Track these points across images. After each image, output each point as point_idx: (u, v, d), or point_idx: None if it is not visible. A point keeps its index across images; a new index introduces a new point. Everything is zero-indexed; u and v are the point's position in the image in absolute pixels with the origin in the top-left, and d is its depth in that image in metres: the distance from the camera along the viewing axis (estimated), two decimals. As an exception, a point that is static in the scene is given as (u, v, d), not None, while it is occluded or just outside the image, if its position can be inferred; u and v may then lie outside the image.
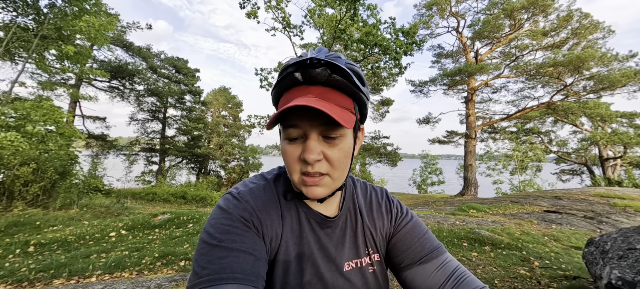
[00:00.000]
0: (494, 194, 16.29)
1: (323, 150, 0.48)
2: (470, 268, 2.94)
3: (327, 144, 0.49)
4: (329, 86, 0.48)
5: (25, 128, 6.04)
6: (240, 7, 9.75)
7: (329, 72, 0.46)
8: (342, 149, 0.50)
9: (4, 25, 8.12)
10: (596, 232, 4.65)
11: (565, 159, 18.37)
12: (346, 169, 0.52)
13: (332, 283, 0.54)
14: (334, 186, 0.52)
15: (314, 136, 0.48)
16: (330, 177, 0.50)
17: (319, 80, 0.47)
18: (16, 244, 3.61)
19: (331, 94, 0.48)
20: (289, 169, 0.51)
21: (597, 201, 7.16)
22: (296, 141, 0.49)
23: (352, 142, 0.52)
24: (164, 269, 2.97)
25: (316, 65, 0.46)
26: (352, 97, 0.50)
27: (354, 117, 0.50)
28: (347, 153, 0.51)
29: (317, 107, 0.42)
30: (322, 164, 0.49)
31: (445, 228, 4.48)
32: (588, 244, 2.39)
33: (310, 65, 0.46)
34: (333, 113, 0.43)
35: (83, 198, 6.84)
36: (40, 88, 10.74)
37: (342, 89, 0.49)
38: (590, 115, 14.93)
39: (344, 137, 0.50)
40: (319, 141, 0.48)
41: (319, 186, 0.49)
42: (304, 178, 0.49)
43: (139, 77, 17.71)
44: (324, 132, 0.48)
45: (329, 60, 0.46)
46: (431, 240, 0.59)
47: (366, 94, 0.52)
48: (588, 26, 14.55)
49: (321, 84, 0.48)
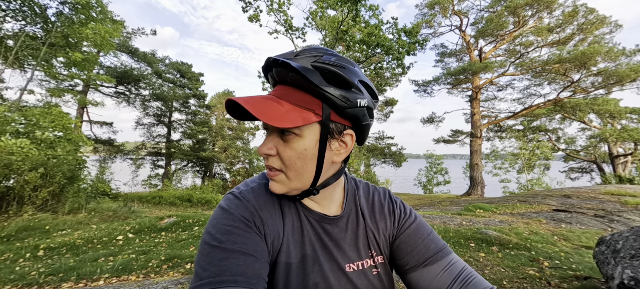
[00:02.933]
0: (501, 193, 16.05)
1: (277, 147, 0.50)
2: (478, 269, 2.90)
3: (282, 141, 0.50)
4: (291, 85, 0.49)
5: (35, 134, 6.16)
6: (242, 11, 9.84)
7: (287, 72, 0.47)
8: (294, 149, 0.48)
9: (13, 34, 8.32)
10: (607, 231, 4.55)
11: (573, 157, 18.04)
12: (304, 172, 0.50)
13: (335, 284, 0.53)
14: (290, 185, 0.51)
15: (274, 132, 0.51)
16: (285, 175, 0.51)
17: (282, 79, 0.49)
18: (26, 249, 3.67)
19: (291, 92, 0.48)
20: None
21: (607, 199, 7.01)
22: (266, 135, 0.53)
23: (312, 145, 0.49)
24: (170, 272, 2.99)
25: (271, 66, 0.49)
26: (317, 96, 0.48)
27: (310, 117, 0.47)
28: (301, 155, 0.49)
29: (242, 104, 0.44)
30: (275, 160, 0.50)
31: (452, 228, 4.43)
32: (599, 244, 2.34)
33: (272, 64, 0.49)
34: (261, 111, 0.45)
35: (91, 202, 6.94)
36: (48, 95, 10.97)
37: (304, 88, 0.48)
38: (599, 111, 14.64)
39: (299, 137, 0.48)
40: (276, 137, 0.50)
41: (274, 180, 0.52)
42: (267, 171, 0.53)
43: (144, 82, 17.97)
44: (279, 129, 0.50)
45: (284, 59, 0.47)
46: (436, 241, 0.58)
47: (340, 96, 0.47)
48: (594, 21, 14.32)
49: (284, 83, 0.50)
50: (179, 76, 20.94)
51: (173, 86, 20.05)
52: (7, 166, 5.21)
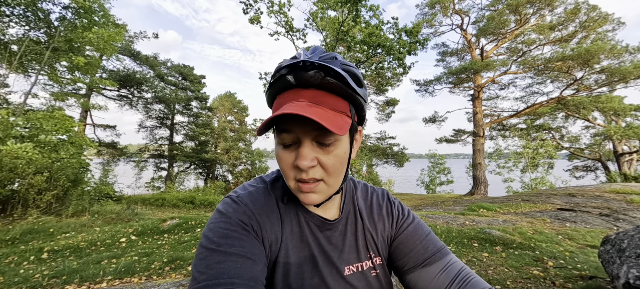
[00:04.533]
0: (505, 192, 15.94)
1: (317, 156, 0.47)
2: (481, 269, 2.88)
3: (321, 150, 0.47)
4: (323, 88, 0.46)
5: (38, 138, 6.22)
6: (243, 13, 9.89)
7: (322, 75, 0.44)
8: (337, 155, 0.48)
9: (17, 39, 8.41)
10: (612, 230, 4.49)
11: (578, 155, 17.88)
12: (342, 175, 0.51)
13: (334, 287, 0.53)
14: (329, 192, 0.51)
15: (308, 142, 0.46)
16: (325, 183, 0.49)
17: (312, 83, 0.45)
18: (30, 251, 3.70)
19: (325, 97, 0.46)
20: (285, 176, 0.50)
21: (613, 198, 6.93)
22: (290, 147, 0.48)
23: (348, 147, 0.50)
24: (172, 274, 3.00)
25: (309, 68, 0.44)
26: (348, 99, 0.48)
27: (349, 121, 0.48)
28: (342, 159, 0.49)
29: (307, 115, 0.40)
30: (317, 170, 0.47)
31: (455, 228, 4.40)
32: (604, 243, 2.31)
33: (302, 67, 0.44)
34: (325, 121, 0.42)
35: (94, 205, 6.98)
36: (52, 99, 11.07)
37: (336, 91, 0.47)
38: (603, 109, 14.49)
39: (338, 142, 0.48)
40: (312, 147, 0.47)
41: (314, 192, 0.48)
42: (299, 185, 0.48)
43: (146, 85, 18.08)
44: (318, 138, 0.46)
45: (322, 62, 0.44)
46: (434, 242, 0.58)
47: (363, 95, 0.50)
48: (596, 18, 14.21)
49: (314, 87, 0.46)
50: (181, 78, 21.06)
51: (175, 88, 20.16)
52: (12, 169, 5.26)
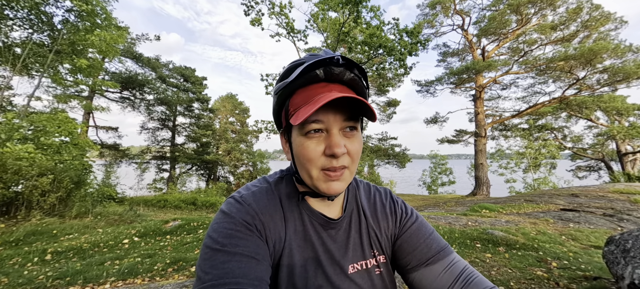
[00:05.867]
0: (507, 193, 15.84)
1: (345, 143, 0.49)
2: (484, 270, 2.87)
3: (347, 137, 0.50)
4: (347, 84, 0.51)
5: (41, 140, 6.26)
6: (245, 14, 9.91)
7: (349, 71, 0.49)
8: (359, 141, 0.52)
9: (21, 42, 8.49)
10: (616, 230, 4.46)
11: (581, 155, 17.76)
12: (358, 163, 0.54)
13: (338, 286, 0.53)
14: (349, 181, 0.53)
15: (336, 129, 0.49)
16: (349, 170, 0.51)
17: (340, 77, 0.49)
18: (34, 253, 3.72)
19: (349, 92, 0.50)
20: (308, 166, 0.49)
21: (616, 198, 6.89)
22: (316, 136, 0.49)
23: (361, 137, 0.54)
24: (175, 275, 3.01)
25: (339, 64, 0.48)
26: (361, 94, 0.53)
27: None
28: (361, 147, 0.53)
29: (359, 98, 0.46)
30: (345, 158, 0.50)
31: (457, 228, 4.38)
32: (608, 243, 2.29)
33: (334, 63, 0.48)
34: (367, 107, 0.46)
35: (97, 207, 7.01)
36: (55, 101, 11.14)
37: (355, 88, 0.51)
38: (606, 109, 14.42)
39: (358, 131, 0.52)
40: (340, 135, 0.50)
41: (340, 180, 0.50)
42: (326, 173, 0.49)
43: (148, 87, 18.17)
44: (345, 126, 0.50)
45: (348, 59, 0.49)
46: (438, 240, 0.58)
47: (369, 92, 0.55)
48: (599, 18, 14.14)
49: (339, 82, 0.50)
50: (183, 80, 21.15)
51: (177, 90, 20.25)
52: (15, 171, 5.30)
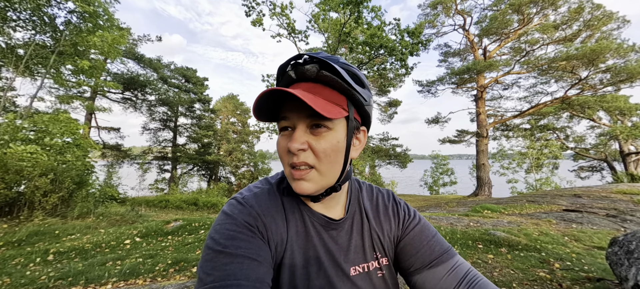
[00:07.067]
0: (509, 193, 15.79)
1: (308, 140, 0.49)
2: (487, 271, 2.85)
3: (313, 135, 0.49)
4: (319, 82, 0.49)
5: (44, 141, 6.29)
6: (246, 15, 9.93)
7: (318, 68, 0.48)
8: (329, 141, 0.49)
9: (23, 43, 8.54)
10: (620, 231, 4.43)
11: (583, 155, 17.65)
12: (336, 165, 0.51)
13: (339, 288, 0.53)
14: (322, 182, 0.51)
15: (302, 127, 0.49)
16: (317, 170, 0.49)
17: (309, 76, 0.49)
18: (36, 253, 3.73)
19: (321, 89, 0.49)
20: (282, 163, 0.52)
21: (619, 199, 6.84)
22: (286, 134, 0.51)
23: (343, 138, 0.51)
24: (176, 276, 3.01)
25: (307, 62, 0.49)
26: (345, 94, 0.50)
27: (343, 112, 0.49)
28: (335, 147, 0.50)
29: (294, 93, 0.43)
30: (308, 155, 0.49)
31: (459, 229, 4.37)
32: (611, 244, 2.27)
33: (301, 62, 0.49)
34: (312, 102, 0.43)
35: (99, 207, 7.03)
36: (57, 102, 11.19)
37: (333, 85, 0.49)
38: (608, 109, 14.32)
39: (331, 130, 0.49)
40: (305, 132, 0.49)
41: (305, 180, 0.49)
42: (292, 171, 0.50)
43: (150, 88, 18.23)
44: (311, 124, 0.49)
45: (320, 57, 0.48)
46: (441, 243, 0.57)
47: (364, 95, 0.52)
48: (601, 17, 14.07)
49: (311, 80, 0.50)
50: (184, 80, 21.21)
51: (178, 90, 20.32)
52: (18, 172, 5.32)
